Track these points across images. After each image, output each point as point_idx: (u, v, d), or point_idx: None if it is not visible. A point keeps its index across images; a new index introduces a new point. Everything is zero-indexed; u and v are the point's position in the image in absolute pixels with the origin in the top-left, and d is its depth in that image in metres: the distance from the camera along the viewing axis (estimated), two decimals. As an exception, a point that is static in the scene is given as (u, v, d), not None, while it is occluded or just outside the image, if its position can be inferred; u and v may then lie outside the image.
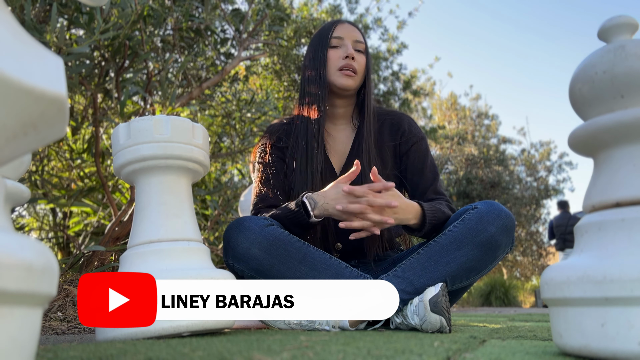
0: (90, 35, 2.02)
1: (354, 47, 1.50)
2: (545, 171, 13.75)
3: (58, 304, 1.76)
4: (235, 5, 3.38)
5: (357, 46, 1.51)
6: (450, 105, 14.69)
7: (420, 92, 7.24)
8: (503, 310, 5.43)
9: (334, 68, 1.48)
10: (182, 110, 3.03)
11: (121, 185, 2.99)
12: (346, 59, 1.46)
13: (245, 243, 1.22)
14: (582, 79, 0.71)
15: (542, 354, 0.72)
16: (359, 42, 1.51)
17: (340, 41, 1.50)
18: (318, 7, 6.21)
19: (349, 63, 1.46)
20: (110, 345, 0.74)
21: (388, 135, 1.52)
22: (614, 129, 0.66)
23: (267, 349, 0.68)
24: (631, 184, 0.65)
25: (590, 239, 0.67)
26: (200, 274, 0.98)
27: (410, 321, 1.19)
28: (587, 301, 0.61)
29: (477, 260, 1.23)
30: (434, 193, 1.46)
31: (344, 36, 1.50)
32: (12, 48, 0.36)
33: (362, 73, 1.50)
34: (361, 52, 1.51)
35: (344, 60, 1.47)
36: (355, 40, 1.51)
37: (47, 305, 0.49)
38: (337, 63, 1.48)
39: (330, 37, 1.51)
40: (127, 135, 1.04)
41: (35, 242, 0.39)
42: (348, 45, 1.48)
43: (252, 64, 4.43)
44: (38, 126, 0.38)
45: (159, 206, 1.05)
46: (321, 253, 1.28)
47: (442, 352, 0.68)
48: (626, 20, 0.70)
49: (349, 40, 1.49)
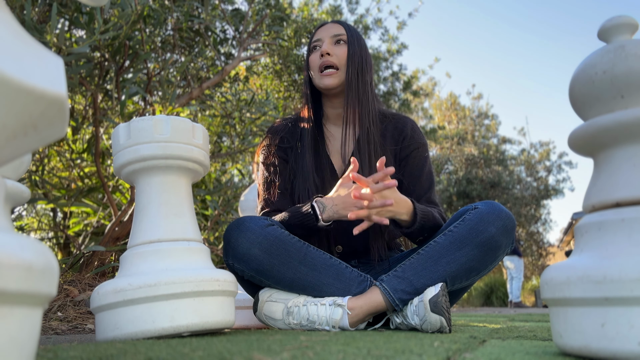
0: (90, 35, 2.02)
1: (333, 41, 1.49)
2: (545, 171, 13.75)
3: (58, 304, 1.76)
4: (235, 5, 3.38)
5: (337, 38, 1.49)
6: (450, 106, 14.69)
7: (420, 92, 7.24)
8: (503, 311, 5.43)
9: (316, 71, 1.48)
10: (182, 110, 3.03)
11: (121, 185, 2.99)
12: (321, 58, 1.46)
13: (245, 243, 1.22)
14: (582, 79, 0.71)
15: (542, 354, 0.72)
16: (337, 35, 1.49)
17: (319, 42, 1.50)
18: (318, 7, 6.22)
19: (324, 61, 1.46)
20: (110, 345, 0.74)
21: (391, 138, 1.51)
22: (613, 129, 0.66)
23: (267, 349, 0.68)
24: (631, 184, 0.65)
25: (590, 239, 0.67)
26: (200, 274, 0.98)
27: (410, 321, 1.19)
28: (587, 301, 0.61)
29: (478, 261, 1.23)
30: (427, 202, 1.45)
31: (322, 36, 1.50)
32: (12, 48, 0.36)
33: (344, 65, 1.47)
34: (341, 43, 1.49)
35: (320, 60, 1.47)
36: (333, 35, 1.49)
37: (47, 305, 0.49)
38: (316, 65, 1.48)
39: (311, 41, 1.53)
40: (127, 135, 1.04)
41: (35, 242, 0.39)
42: (323, 44, 1.48)
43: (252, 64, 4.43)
44: (38, 126, 0.38)
45: (159, 206, 1.05)
46: (321, 253, 1.28)
47: (442, 352, 0.68)
48: (626, 20, 0.70)
49: (327, 38, 1.49)
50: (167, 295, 0.94)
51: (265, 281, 1.26)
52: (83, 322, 1.64)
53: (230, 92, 3.50)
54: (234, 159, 3.47)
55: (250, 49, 3.77)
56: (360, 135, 1.46)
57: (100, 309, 0.97)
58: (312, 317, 1.21)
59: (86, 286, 2.03)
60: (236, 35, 3.31)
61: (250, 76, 4.35)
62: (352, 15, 6.51)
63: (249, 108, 3.20)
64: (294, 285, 1.25)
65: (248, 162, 4.10)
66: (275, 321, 1.25)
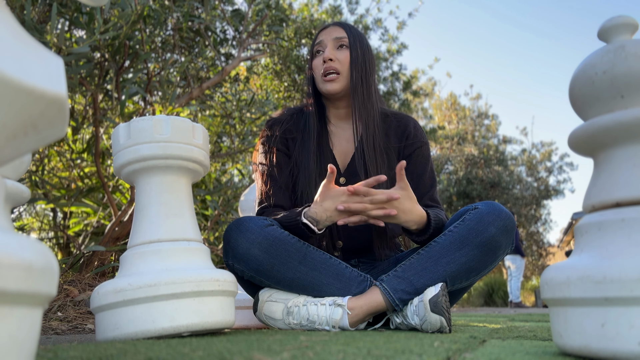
0: (90, 35, 2.02)
1: (336, 45, 1.48)
2: (546, 172, 13.75)
3: (58, 304, 1.76)
4: (235, 5, 3.38)
5: (339, 42, 1.48)
6: (450, 105, 14.69)
7: (419, 92, 7.24)
8: (503, 311, 5.43)
9: (319, 76, 1.48)
10: (182, 110, 3.03)
11: (121, 185, 2.99)
12: (324, 64, 1.46)
13: (245, 243, 1.22)
14: (582, 79, 0.71)
15: (542, 354, 0.72)
16: (340, 38, 1.48)
17: (322, 45, 1.49)
18: (318, 7, 6.22)
19: (327, 67, 1.45)
20: (110, 345, 0.74)
21: (394, 137, 1.51)
22: (613, 129, 0.66)
23: (267, 349, 0.68)
24: (631, 184, 0.65)
25: (590, 239, 0.67)
26: (200, 274, 0.98)
27: (410, 321, 1.19)
28: (587, 301, 0.61)
29: (478, 261, 1.23)
30: (430, 200, 1.45)
31: (324, 39, 1.49)
32: (12, 48, 0.36)
33: (347, 70, 1.47)
34: (344, 47, 1.48)
35: (322, 65, 1.46)
36: (335, 37, 1.48)
37: (47, 305, 0.49)
38: (320, 70, 1.47)
39: (314, 44, 1.52)
40: (127, 135, 1.04)
41: (35, 242, 0.39)
42: (326, 49, 1.48)
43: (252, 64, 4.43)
44: (38, 126, 0.38)
45: (159, 206, 1.05)
46: (321, 253, 1.28)
47: (442, 352, 0.68)
48: (626, 21, 0.70)
49: (329, 41, 1.48)
50: (167, 295, 0.94)
51: (265, 281, 1.26)
52: (83, 322, 1.64)
53: (230, 92, 3.50)
54: (234, 159, 3.47)
55: (250, 49, 3.77)
56: (364, 134, 1.45)
57: (100, 309, 0.97)
58: (312, 317, 1.21)
59: (86, 286, 2.03)
60: (236, 35, 3.31)
61: (251, 76, 4.35)
62: (352, 15, 6.51)
63: (249, 108, 3.20)
64: (294, 285, 1.25)
65: (248, 162, 4.10)
66: (275, 321, 1.25)
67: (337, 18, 5.98)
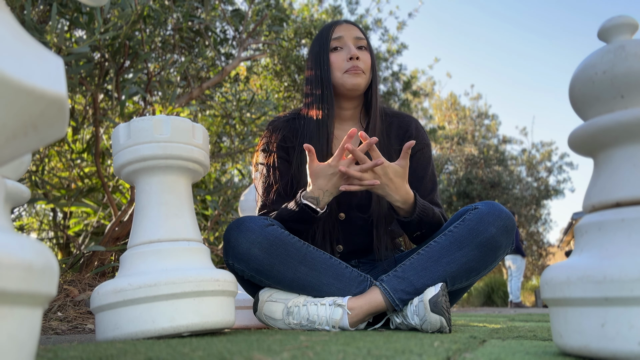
0: (90, 35, 2.02)
1: (356, 45, 1.47)
2: (546, 172, 13.75)
3: (58, 304, 1.76)
4: (235, 5, 3.38)
5: (359, 43, 1.47)
6: (450, 105, 14.69)
7: (420, 92, 7.24)
8: (503, 311, 5.42)
9: (339, 71, 1.44)
10: (182, 110, 3.03)
11: (121, 185, 2.99)
12: (350, 61, 1.43)
13: (245, 243, 1.22)
14: (582, 79, 0.71)
15: (542, 354, 0.72)
16: (360, 39, 1.48)
17: (341, 41, 1.46)
18: (318, 7, 6.22)
19: (355, 65, 1.43)
20: (110, 345, 0.74)
21: (395, 137, 1.50)
22: (613, 129, 0.66)
23: (267, 349, 0.68)
24: (631, 184, 0.65)
25: (590, 239, 0.67)
26: (200, 274, 0.98)
27: (410, 321, 1.19)
28: (587, 301, 0.61)
29: (478, 261, 1.23)
30: (430, 202, 1.45)
31: (344, 35, 1.46)
32: (12, 48, 0.36)
33: (369, 71, 1.47)
34: (364, 49, 1.48)
35: (348, 62, 1.43)
36: (356, 37, 1.47)
37: (47, 305, 0.49)
38: (341, 66, 1.44)
39: (330, 39, 1.47)
40: (127, 135, 1.04)
41: (35, 242, 0.39)
42: (350, 46, 1.45)
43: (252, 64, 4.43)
44: (38, 126, 0.38)
45: (159, 206, 1.05)
46: (321, 253, 1.28)
47: (442, 352, 0.68)
48: (626, 20, 0.70)
49: (350, 40, 1.46)
50: (167, 295, 0.94)
51: (265, 281, 1.26)
52: (83, 322, 1.64)
53: (230, 92, 3.50)
54: (234, 159, 3.47)
55: (250, 49, 3.77)
56: (370, 135, 1.45)
57: (100, 309, 0.97)
58: (312, 317, 1.21)
59: (86, 286, 2.03)
60: (236, 35, 3.31)
61: (251, 76, 4.35)
62: (352, 15, 6.51)
63: (249, 108, 3.20)
64: (294, 285, 1.25)
65: (248, 162, 4.10)
66: (275, 321, 1.25)
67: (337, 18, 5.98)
